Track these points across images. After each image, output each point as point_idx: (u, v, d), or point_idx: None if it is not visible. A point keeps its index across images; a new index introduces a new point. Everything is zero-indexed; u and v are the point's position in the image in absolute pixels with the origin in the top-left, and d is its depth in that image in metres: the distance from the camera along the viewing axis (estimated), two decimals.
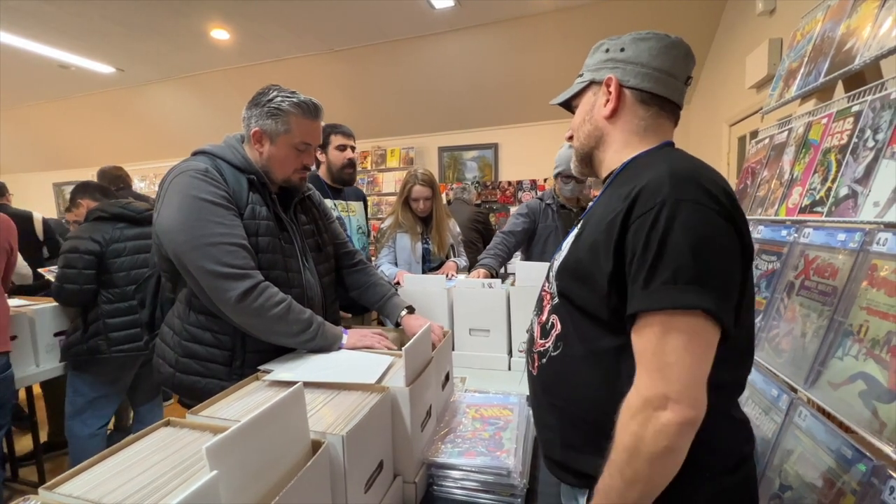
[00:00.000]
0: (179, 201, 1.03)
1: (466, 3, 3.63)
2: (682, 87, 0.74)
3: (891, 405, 0.67)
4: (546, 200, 2.27)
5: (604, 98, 0.75)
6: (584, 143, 0.80)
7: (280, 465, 0.55)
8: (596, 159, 0.80)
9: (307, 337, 1.08)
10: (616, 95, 0.73)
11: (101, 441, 2.01)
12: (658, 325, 0.57)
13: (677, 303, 0.56)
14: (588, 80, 0.78)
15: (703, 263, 0.56)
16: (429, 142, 5.55)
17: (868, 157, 0.87)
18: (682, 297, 0.56)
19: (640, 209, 0.60)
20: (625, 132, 0.75)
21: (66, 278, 1.85)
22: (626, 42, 0.74)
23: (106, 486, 0.57)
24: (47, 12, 3.64)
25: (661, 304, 0.56)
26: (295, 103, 1.12)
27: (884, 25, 0.94)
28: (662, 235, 0.57)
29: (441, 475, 0.87)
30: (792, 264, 1.04)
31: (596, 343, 0.66)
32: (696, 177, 0.60)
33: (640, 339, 0.59)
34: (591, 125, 0.78)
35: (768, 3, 2.73)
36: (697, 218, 0.57)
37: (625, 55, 0.73)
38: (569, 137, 0.85)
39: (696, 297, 0.55)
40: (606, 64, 0.75)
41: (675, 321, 0.56)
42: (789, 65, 1.39)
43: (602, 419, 0.63)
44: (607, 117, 0.75)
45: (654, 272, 0.57)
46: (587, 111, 0.78)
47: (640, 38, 0.73)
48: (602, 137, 0.77)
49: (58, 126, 6.54)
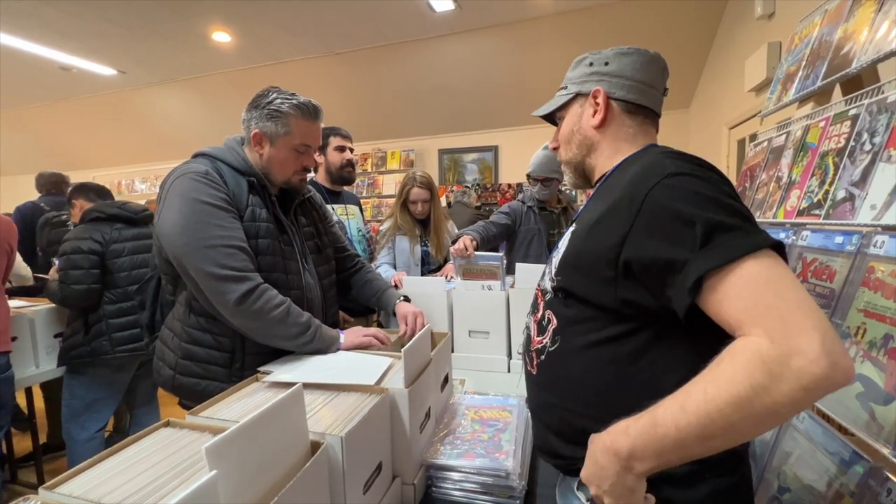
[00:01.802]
0: (179, 204, 1.04)
1: (467, 6, 3.65)
2: (661, 97, 0.80)
3: (888, 407, 0.67)
4: (527, 203, 2.30)
5: (591, 109, 0.79)
6: (575, 154, 0.83)
7: (279, 466, 0.56)
8: (588, 166, 0.83)
9: (305, 340, 1.09)
10: (604, 106, 0.77)
11: (99, 444, 2.01)
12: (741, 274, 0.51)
13: (752, 245, 0.51)
14: (574, 92, 0.81)
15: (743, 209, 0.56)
16: (429, 144, 5.56)
17: (865, 160, 0.87)
18: (752, 239, 0.52)
19: (646, 185, 0.60)
20: (615, 140, 0.78)
21: (72, 279, 1.83)
22: (610, 57, 0.78)
23: (106, 486, 0.57)
24: (49, 14, 3.66)
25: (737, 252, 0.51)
26: (295, 105, 1.12)
27: (880, 29, 0.95)
28: (692, 196, 0.56)
29: (440, 477, 0.87)
30: (790, 266, 1.04)
31: (598, 333, 0.67)
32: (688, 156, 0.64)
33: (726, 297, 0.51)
34: (581, 135, 0.81)
35: (767, 7, 2.75)
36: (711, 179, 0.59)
37: (609, 69, 0.78)
38: (554, 148, 0.88)
39: (763, 235, 0.53)
40: (592, 77, 0.79)
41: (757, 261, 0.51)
42: (787, 68, 1.40)
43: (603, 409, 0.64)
44: (596, 127, 0.79)
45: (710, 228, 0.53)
46: (575, 122, 0.82)
47: (622, 53, 0.78)
48: (592, 146, 0.80)
49: (59, 128, 6.56)
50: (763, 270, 0.50)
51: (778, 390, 0.46)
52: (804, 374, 0.45)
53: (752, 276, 0.50)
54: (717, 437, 0.50)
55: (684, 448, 0.52)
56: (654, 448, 0.53)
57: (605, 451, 0.57)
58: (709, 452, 0.52)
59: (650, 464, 0.54)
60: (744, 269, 0.51)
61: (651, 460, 0.53)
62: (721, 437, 0.50)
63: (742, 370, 0.47)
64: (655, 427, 0.52)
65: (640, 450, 0.53)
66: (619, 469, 0.55)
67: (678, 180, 0.58)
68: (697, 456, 0.52)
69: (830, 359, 0.44)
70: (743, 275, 0.51)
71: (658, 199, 0.58)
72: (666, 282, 0.57)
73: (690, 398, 0.51)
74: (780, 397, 0.46)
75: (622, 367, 0.65)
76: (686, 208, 0.55)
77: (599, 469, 0.57)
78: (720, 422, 0.48)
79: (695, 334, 0.58)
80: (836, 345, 0.45)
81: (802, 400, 0.46)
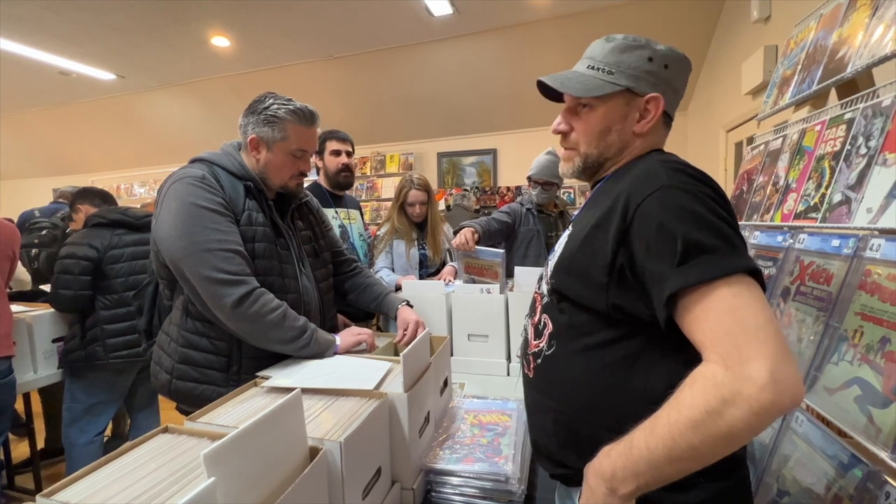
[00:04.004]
0: (176, 208, 1.04)
1: (465, 10, 3.66)
2: None
3: (886, 410, 0.67)
4: (526, 205, 2.35)
5: (637, 112, 0.72)
6: (601, 153, 0.75)
7: (277, 472, 0.55)
8: (605, 167, 0.77)
9: (301, 343, 1.09)
10: (656, 116, 0.72)
11: (98, 448, 2.00)
12: (712, 296, 0.52)
13: (726, 269, 0.52)
14: (625, 85, 0.71)
15: (730, 228, 0.56)
16: (428, 147, 5.57)
17: (861, 163, 0.88)
18: (728, 262, 0.53)
19: (639, 195, 0.60)
20: (645, 145, 0.75)
21: (61, 284, 1.85)
22: (670, 58, 0.71)
23: (104, 492, 0.57)
24: (48, 19, 3.66)
25: (709, 274, 0.52)
26: (291, 110, 1.13)
27: (875, 34, 0.96)
28: (679, 211, 0.56)
29: (439, 481, 0.87)
30: (787, 270, 1.05)
31: (592, 338, 0.67)
32: (686, 168, 0.63)
33: (694, 316, 0.54)
34: (619, 137, 0.74)
35: (763, 11, 2.76)
36: (703, 194, 0.59)
37: (668, 74, 0.71)
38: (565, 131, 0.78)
39: (739, 259, 0.53)
40: (650, 77, 0.71)
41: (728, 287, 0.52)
42: (783, 72, 1.41)
43: (598, 413, 0.65)
44: (640, 134, 0.73)
45: (689, 246, 0.54)
46: (616, 121, 0.73)
47: (678, 59, 0.72)
48: (624, 149, 0.75)
49: (58, 132, 6.56)
50: (730, 296, 0.52)
51: (731, 415, 0.48)
52: (753, 402, 0.47)
53: (718, 300, 0.52)
54: (685, 460, 0.52)
55: (657, 469, 0.53)
56: (631, 469, 0.54)
57: (594, 474, 0.59)
58: (683, 474, 0.53)
59: (631, 485, 0.55)
60: (713, 292, 0.52)
61: (631, 482, 0.55)
62: (688, 459, 0.52)
63: (699, 395, 0.50)
64: (631, 449, 0.55)
65: (621, 471, 0.55)
66: (605, 490, 0.57)
67: (668, 193, 0.58)
68: (675, 477, 0.54)
69: (777, 387, 0.46)
70: (711, 297, 0.52)
71: (648, 210, 0.59)
72: (651, 292, 0.58)
73: (659, 421, 0.53)
74: (734, 421, 0.48)
75: (616, 371, 0.65)
76: (671, 223, 0.56)
77: (591, 492, 0.59)
78: (683, 444, 0.50)
79: (685, 343, 0.59)
80: (786, 373, 0.47)
81: (756, 424, 0.49)
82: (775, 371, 0.47)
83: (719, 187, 0.62)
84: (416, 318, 1.34)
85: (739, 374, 0.48)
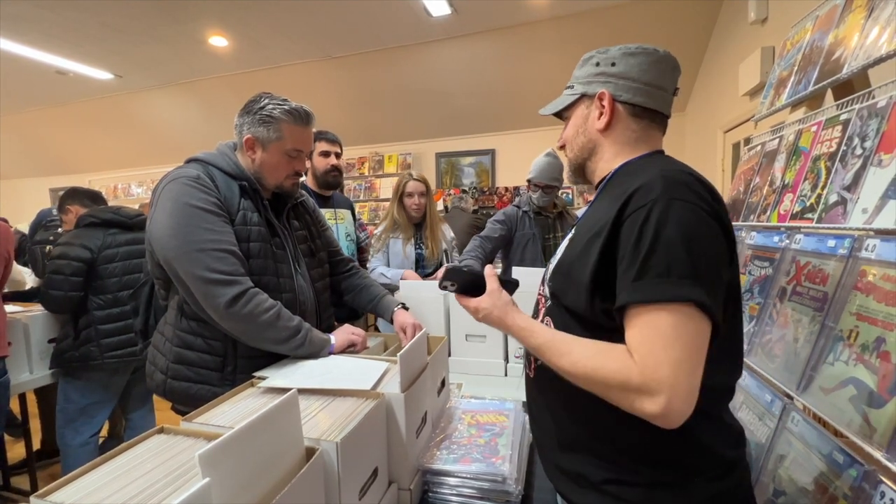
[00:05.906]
0: (171, 207, 1.04)
1: (463, 10, 3.67)
2: (670, 98, 0.77)
3: (881, 410, 0.68)
4: (523, 208, 2.33)
5: (597, 111, 0.77)
6: (577, 155, 0.82)
7: (273, 473, 0.55)
8: (588, 169, 0.82)
9: (296, 343, 1.08)
10: (609, 109, 0.75)
11: (94, 449, 1.99)
12: (651, 317, 0.57)
13: (671, 295, 0.56)
14: (580, 93, 0.79)
15: (696, 258, 0.58)
16: (426, 148, 5.58)
17: (856, 164, 0.88)
18: (675, 289, 0.57)
19: (632, 207, 0.62)
20: (617, 143, 0.77)
21: (52, 284, 1.83)
22: (617, 56, 0.76)
23: (99, 493, 0.57)
24: (46, 19, 3.65)
25: (654, 296, 0.57)
26: (286, 111, 1.13)
27: (870, 35, 0.96)
28: (655, 230, 0.58)
29: (436, 482, 0.87)
30: (784, 270, 1.05)
31: None
32: (685, 179, 0.62)
33: (632, 330, 0.59)
34: (585, 137, 0.80)
35: (760, 12, 2.78)
36: (689, 216, 0.59)
37: (616, 70, 0.75)
38: (560, 147, 0.87)
39: (690, 289, 0.56)
40: (598, 78, 0.77)
41: (669, 314, 0.57)
42: (780, 73, 1.41)
43: (595, 419, 0.66)
44: (601, 130, 0.77)
45: (647, 265, 0.58)
46: (580, 124, 0.80)
47: (629, 53, 0.75)
48: (595, 148, 0.80)
49: (55, 132, 6.54)
50: (664, 324, 0.57)
51: (619, 399, 0.59)
52: (643, 410, 0.56)
53: (656, 322, 0.57)
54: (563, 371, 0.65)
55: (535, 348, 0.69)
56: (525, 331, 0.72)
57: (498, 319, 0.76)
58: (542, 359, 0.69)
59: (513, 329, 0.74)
60: (655, 315, 0.58)
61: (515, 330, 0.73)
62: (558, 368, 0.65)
63: (611, 369, 0.59)
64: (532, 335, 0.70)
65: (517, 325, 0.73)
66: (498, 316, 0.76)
67: (654, 208, 0.60)
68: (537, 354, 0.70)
69: (665, 412, 0.55)
70: (651, 318, 0.58)
71: (634, 220, 0.61)
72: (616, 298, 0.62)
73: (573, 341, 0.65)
74: (619, 402, 0.59)
75: None
76: (643, 237, 0.59)
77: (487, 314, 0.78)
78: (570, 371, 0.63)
79: None
80: (680, 403, 0.55)
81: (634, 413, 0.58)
82: (671, 401, 0.55)
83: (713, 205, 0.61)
84: (414, 322, 1.33)
85: (646, 387, 0.56)
